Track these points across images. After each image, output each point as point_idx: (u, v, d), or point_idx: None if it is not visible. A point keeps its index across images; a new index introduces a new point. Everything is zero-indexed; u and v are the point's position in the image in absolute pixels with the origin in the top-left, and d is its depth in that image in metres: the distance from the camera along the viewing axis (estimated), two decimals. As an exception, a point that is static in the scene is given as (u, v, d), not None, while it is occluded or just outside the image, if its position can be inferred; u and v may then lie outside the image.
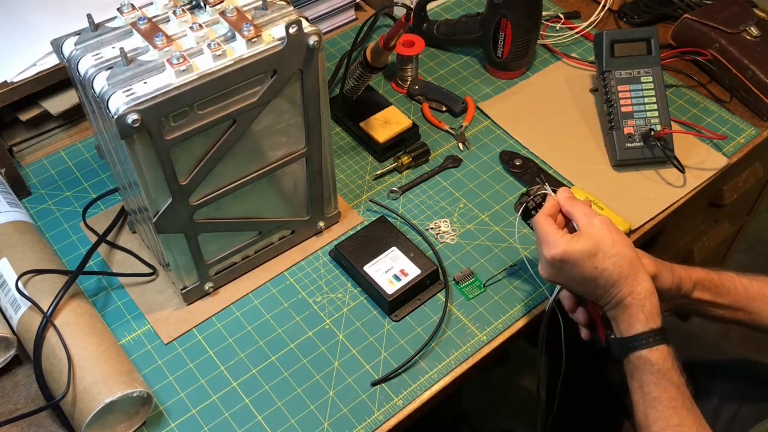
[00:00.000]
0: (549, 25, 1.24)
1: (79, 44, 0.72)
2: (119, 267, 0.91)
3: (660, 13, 1.25)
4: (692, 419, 0.71)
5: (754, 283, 0.83)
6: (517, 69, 1.17)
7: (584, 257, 0.73)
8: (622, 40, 1.06)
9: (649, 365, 0.72)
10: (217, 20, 0.74)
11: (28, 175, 1.01)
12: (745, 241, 1.86)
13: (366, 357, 0.84)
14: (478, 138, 1.08)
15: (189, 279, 0.86)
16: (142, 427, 0.78)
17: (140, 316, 0.87)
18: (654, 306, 0.73)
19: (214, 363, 0.84)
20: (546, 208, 0.79)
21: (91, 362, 0.75)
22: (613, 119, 1.04)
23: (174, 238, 0.80)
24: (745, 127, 1.10)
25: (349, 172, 1.04)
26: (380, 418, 0.79)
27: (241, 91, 0.73)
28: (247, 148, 0.79)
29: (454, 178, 1.03)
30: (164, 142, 0.71)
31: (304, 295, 0.90)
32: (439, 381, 0.82)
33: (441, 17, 1.25)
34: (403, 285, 0.87)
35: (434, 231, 0.96)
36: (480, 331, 0.87)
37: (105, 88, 0.68)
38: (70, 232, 0.96)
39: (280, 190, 0.87)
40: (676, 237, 1.23)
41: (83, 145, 1.05)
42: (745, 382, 0.99)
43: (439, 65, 1.20)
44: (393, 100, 1.11)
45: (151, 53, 0.70)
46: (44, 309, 0.77)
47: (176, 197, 0.76)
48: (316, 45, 0.74)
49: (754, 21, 1.13)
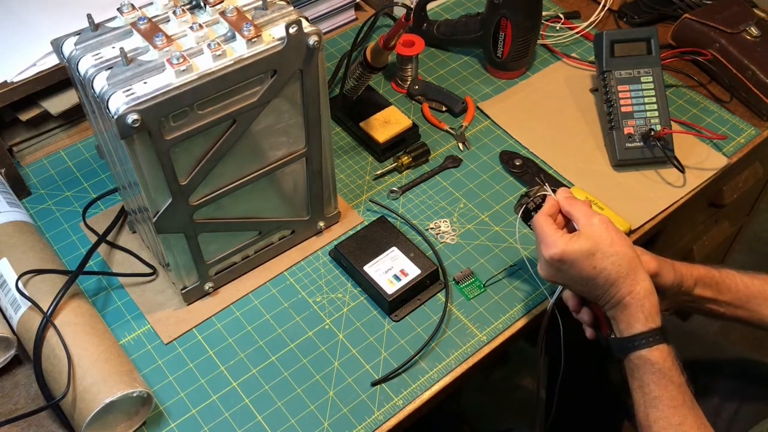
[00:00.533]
0: (549, 25, 1.24)
1: (79, 44, 0.72)
2: (119, 267, 0.91)
3: (660, 13, 1.25)
4: (693, 418, 0.71)
5: (755, 281, 0.83)
6: (517, 69, 1.17)
7: (583, 257, 0.73)
8: (622, 40, 1.06)
9: (649, 365, 0.72)
10: (217, 20, 0.74)
11: (28, 175, 1.01)
12: (745, 241, 1.86)
13: (366, 357, 0.84)
14: (478, 138, 1.08)
15: (189, 279, 0.86)
16: (142, 427, 0.78)
17: (140, 316, 0.87)
18: (653, 305, 0.73)
19: (214, 363, 0.84)
20: (545, 208, 0.79)
21: (91, 362, 0.75)
22: (613, 119, 1.04)
23: (174, 238, 0.80)
24: (745, 127, 1.10)
25: (349, 172, 1.04)
26: (380, 418, 0.79)
27: (241, 91, 0.73)
28: (247, 148, 0.79)
29: (454, 178, 1.03)
30: (164, 142, 0.71)
31: (304, 295, 0.90)
32: (439, 381, 0.82)
33: (441, 17, 1.25)
34: (403, 285, 0.87)
35: (434, 231, 0.96)
36: (480, 331, 0.86)
37: (105, 88, 0.68)
38: (70, 232, 0.96)
39: (280, 190, 0.87)
40: (676, 237, 1.23)
41: (83, 145, 1.05)
42: (746, 381, 0.99)
43: (439, 65, 1.20)
44: (393, 100, 1.11)
45: (151, 53, 0.70)
46: (44, 309, 0.77)
47: (176, 197, 0.76)
48: (316, 45, 0.74)
49: (754, 21, 1.13)
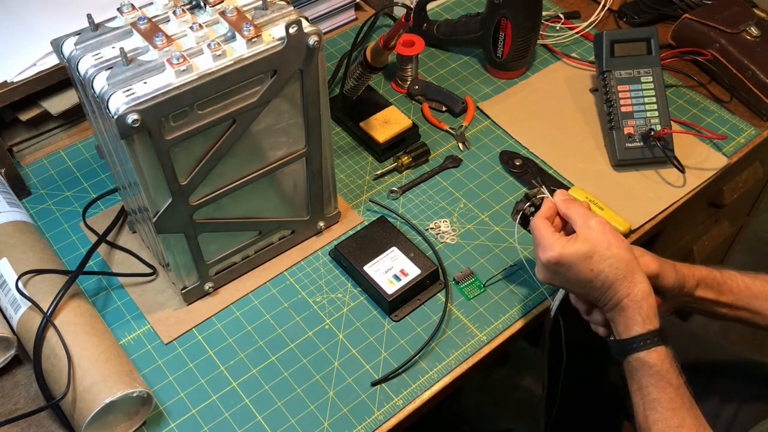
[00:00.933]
0: (549, 25, 1.24)
1: (79, 44, 0.72)
2: (119, 267, 0.91)
3: (660, 13, 1.25)
4: (692, 420, 0.71)
5: (756, 281, 0.83)
6: (517, 69, 1.17)
7: (580, 260, 0.73)
8: (622, 40, 1.06)
9: (647, 367, 0.72)
10: (217, 20, 0.74)
11: (28, 175, 1.01)
12: (745, 241, 1.86)
13: (366, 357, 0.84)
14: (478, 138, 1.08)
15: (189, 279, 0.86)
16: (142, 427, 0.78)
17: (140, 316, 0.87)
18: (651, 307, 0.73)
19: (214, 363, 0.84)
20: (543, 211, 0.79)
21: (91, 362, 0.75)
22: (613, 119, 1.04)
23: (174, 238, 0.80)
24: (745, 127, 1.10)
25: (349, 172, 1.04)
26: (380, 418, 0.79)
27: (241, 91, 0.73)
28: (247, 148, 0.79)
29: (454, 178, 1.03)
30: (164, 142, 0.71)
31: (304, 295, 0.90)
32: (439, 381, 0.82)
33: (441, 17, 1.25)
34: (403, 285, 0.87)
35: (434, 231, 0.96)
36: (480, 331, 0.86)
37: (105, 88, 0.68)
38: (70, 232, 0.96)
39: (280, 190, 0.87)
40: (676, 237, 1.23)
41: (83, 145, 1.05)
42: (746, 381, 0.99)
43: (439, 65, 1.20)
44: (393, 100, 1.11)
45: (151, 53, 0.70)
46: (44, 309, 0.77)
47: (176, 197, 0.76)
48: (316, 45, 0.74)
49: (754, 21, 1.13)
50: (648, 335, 0.72)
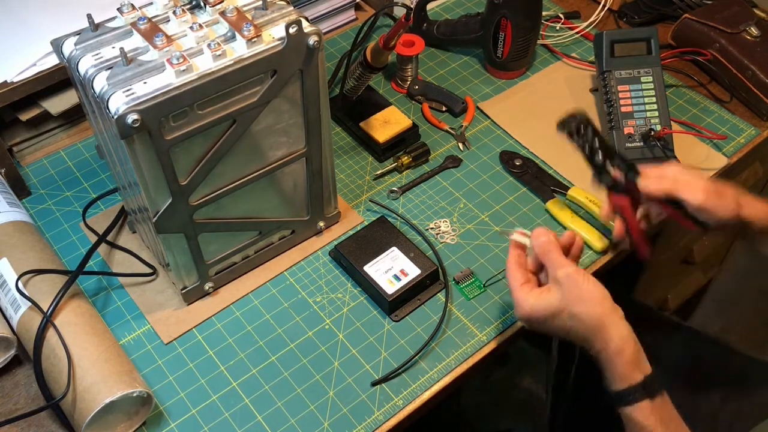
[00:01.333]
0: (549, 25, 1.24)
1: (79, 44, 0.72)
2: (119, 267, 0.91)
3: (660, 13, 1.25)
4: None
5: None
6: (517, 69, 1.17)
7: (550, 316, 0.73)
8: (622, 40, 1.06)
9: (632, 423, 0.71)
10: (217, 20, 0.74)
11: (28, 175, 1.01)
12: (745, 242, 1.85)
13: (366, 357, 0.84)
14: (478, 138, 1.08)
15: (189, 279, 0.86)
16: (142, 427, 0.78)
17: (140, 316, 0.87)
18: (628, 362, 0.71)
19: (214, 363, 0.84)
20: (512, 257, 0.77)
21: (91, 362, 0.75)
22: (613, 119, 1.04)
23: (174, 238, 0.80)
24: (745, 127, 1.10)
25: (349, 172, 1.04)
26: (380, 418, 0.79)
27: (241, 91, 0.73)
28: (247, 148, 0.79)
29: (454, 178, 1.03)
30: (164, 142, 0.71)
31: (304, 295, 0.90)
32: (439, 381, 0.82)
33: (441, 17, 1.25)
34: (403, 285, 0.87)
35: (434, 231, 0.96)
36: (480, 331, 0.86)
37: (105, 88, 0.68)
38: (70, 232, 0.96)
39: (280, 190, 0.87)
40: (676, 237, 1.23)
41: (83, 145, 1.05)
42: (746, 381, 0.99)
43: (439, 65, 1.20)
44: (393, 100, 1.11)
45: (151, 53, 0.70)
46: (44, 309, 0.77)
47: (176, 197, 0.76)
48: (316, 45, 0.74)
49: (754, 21, 1.13)
50: (629, 391, 0.71)
